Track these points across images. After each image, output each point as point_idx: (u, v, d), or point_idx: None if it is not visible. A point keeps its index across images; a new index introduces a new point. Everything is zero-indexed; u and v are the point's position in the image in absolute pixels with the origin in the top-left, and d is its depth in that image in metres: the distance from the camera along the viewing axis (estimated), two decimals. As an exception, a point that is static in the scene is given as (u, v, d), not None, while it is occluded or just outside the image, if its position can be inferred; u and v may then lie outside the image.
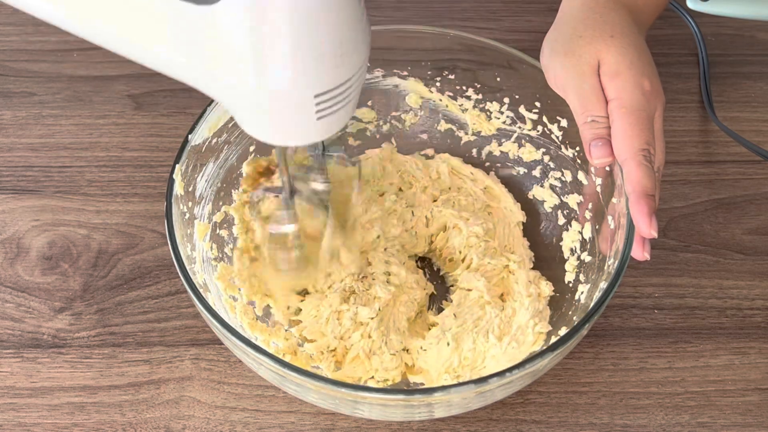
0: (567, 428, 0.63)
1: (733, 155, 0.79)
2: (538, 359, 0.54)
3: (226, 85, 0.45)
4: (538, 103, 0.70)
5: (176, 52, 0.45)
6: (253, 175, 0.63)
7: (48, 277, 0.71)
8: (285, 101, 0.45)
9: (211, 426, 0.63)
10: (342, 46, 0.44)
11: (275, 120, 0.47)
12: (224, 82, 0.45)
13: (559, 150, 0.70)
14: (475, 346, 0.64)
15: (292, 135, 0.48)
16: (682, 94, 0.84)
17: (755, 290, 0.71)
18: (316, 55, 0.43)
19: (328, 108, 0.46)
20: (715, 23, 0.89)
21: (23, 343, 0.67)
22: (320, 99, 0.45)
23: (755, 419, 0.64)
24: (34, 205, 0.75)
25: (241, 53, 0.43)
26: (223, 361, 0.66)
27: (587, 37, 0.63)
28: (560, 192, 0.71)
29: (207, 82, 0.46)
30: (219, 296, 0.64)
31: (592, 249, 0.66)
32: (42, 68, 0.86)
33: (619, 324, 0.69)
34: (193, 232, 0.63)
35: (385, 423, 0.63)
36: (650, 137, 0.60)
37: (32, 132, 0.81)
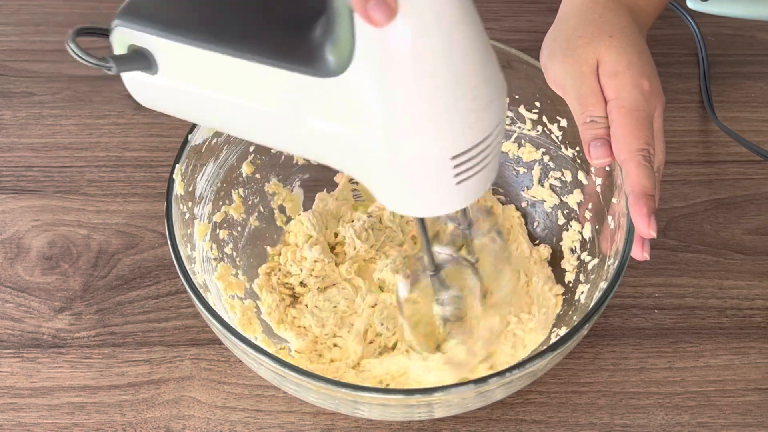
0: (567, 428, 0.63)
1: (733, 155, 0.79)
2: (538, 359, 0.54)
3: (360, 158, 0.43)
4: (537, 103, 0.70)
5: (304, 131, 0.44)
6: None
7: (48, 277, 0.71)
8: (420, 167, 0.42)
9: (211, 426, 0.63)
10: (476, 101, 0.41)
11: (412, 189, 0.44)
12: (354, 155, 0.43)
13: (558, 150, 0.70)
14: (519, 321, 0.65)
15: (432, 204, 0.45)
16: (682, 94, 0.84)
17: (755, 290, 0.71)
18: (448, 113, 0.40)
19: (467, 171, 0.43)
20: (715, 23, 0.89)
21: (23, 343, 0.67)
22: (458, 161, 0.42)
23: (755, 419, 0.64)
24: (34, 205, 0.75)
25: (368, 122, 0.41)
26: (223, 361, 0.66)
27: (586, 36, 0.63)
28: (560, 192, 0.71)
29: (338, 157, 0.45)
30: (219, 296, 0.64)
31: (592, 249, 0.66)
32: (42, 68, 0.86)
33: (619, 324, 0.69)
34: (193, 232, 0.63)
35: (385, 423, 0.63)
36: (650, 137, 0.60)
37: (32, 132, 0.81)
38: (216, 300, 0.62)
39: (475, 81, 0.41)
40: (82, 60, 0.45)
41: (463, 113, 0.41)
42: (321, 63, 0.42)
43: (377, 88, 0.40)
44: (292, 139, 0.46)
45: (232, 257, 0.68)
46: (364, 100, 0.41)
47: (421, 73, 0.39)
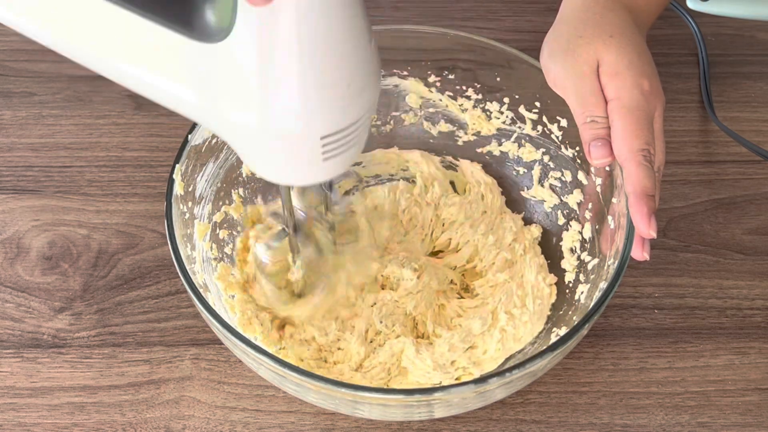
0: (567, 428, 0.63)
1: (733, 155, 0.79)
2: (538, 359, 0.54)
3: (232, 125, 0.44)
4: (537, 103, 0.70)
5: (185, 90, 0.44)
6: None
7: (48, 277, 0.71)
8: (290, 143, 0.44)
9: (211, 426, 0.63)
10: (350, 87, 0.42)
11: (280, 160, 0.46)
12: (230, 122, 0.44)
13: (558, 150, 0.70)
14: (510, 317, 0.66)
15: (298, 175, 0.47)
16: (682, 94, 0.84)
17: (755, 290, 0.71)
18: (323, 97, 0.42)
19: (334, 149, 0.44)
20: (715, 23, 0.89)
21: (23, 343, 0.67)
22: (327, 141, 0.44)
23: (755, 419, 0.64)
24: (34, 205, 0.75)
25: (246, 93, 0.42)
26: (223, 361, 0.66)
27: (587, 37, 0.63)
28: (560, 192, 0.71)
29: (214, 121, 0.45)
30: (219, 296, 0.64)
31: (592, 249, 0.66)
32: (42, 68, 0.86)
33: (619, 324, 0.69)
34: (193, 232, 0.63)
35: (385, 423, 0.63)
36: (650, 137, 0.60)
37: (32, 132, 0.81)
38: (216, 300, 0.62)
39: (351, 68, 0.42)
40: None
41: (336, 98, 0.42)
42: (199, 27, 0.42)
43: (253, 62, 0.41)
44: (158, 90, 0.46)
45: (232, 257, 0.68)
46: (239, 71, 0.41)
47: (298, 55, 0.40)
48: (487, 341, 0.65)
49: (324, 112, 0.42)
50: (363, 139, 0.46)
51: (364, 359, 0.65)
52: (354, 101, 0.43)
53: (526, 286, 0.68)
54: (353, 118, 0.44)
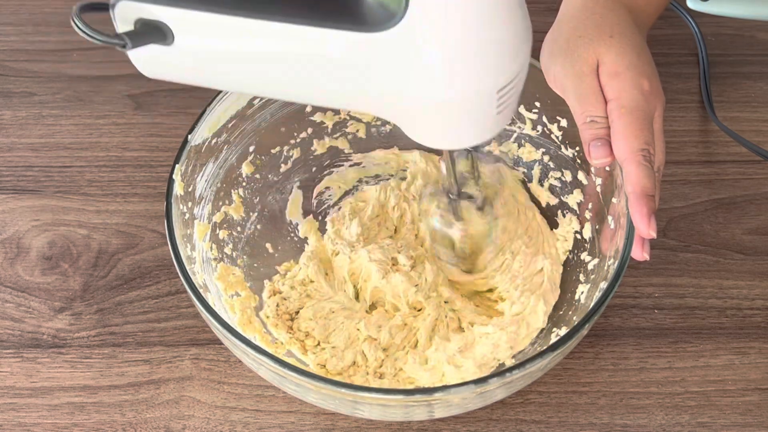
0: (567, 428, 0.63)
1: (733, 155, 0.79)
2: (538, 359, 0.54)
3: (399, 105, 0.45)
4: (537, 103, 0.70)
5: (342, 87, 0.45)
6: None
7: (48, 277, 0.71)
8: (471, 104, 0.45)
9: (211, 426, 0.63)
10: (517, 36, 0.44)
11: (456, 124, 0.47)
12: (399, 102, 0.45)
13: (558, 150, 0.70)
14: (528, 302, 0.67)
15: (473, 134, 0.48)
16: (682, 94, 0.84)
17: (755, 290, 0.71)
18: (500, 51, 0.44)
19: (506, 101, 0.46)
20: (715, 23, 0.89)
21: (23, 343, 0.67)
22: (502, 92, 0.45)
23: (755, 419, 0.64)
24: (34, 205, 0.75)
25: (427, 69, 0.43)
26: (223, 361, 0.66)
27: (586, 37, 0.63)
28: (560, 192, 0.71)
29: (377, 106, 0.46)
30: (219, 296, 0.64)
31: (592, 249, 0.66)
32: (42, 68, 0.86)
33: (619, 324, 0.69)
34: (193, 233, 0.63)
35: (385, 423, 0.63)
36: (650, 137, 0.60)
37: (32, 132, 0.81)
38: (216, 300, 0.62)
39: (516, 17, 0.44)
40: (90, 37, 0.43)
41: (508, 49, 0.44)
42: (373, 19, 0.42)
43: (433, 36, 0.42)
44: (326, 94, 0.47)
45: (232, 257, 0.68)
46: (417, 50, 0.42)
47: (475, 17, 0.42)
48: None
49: (501, 64, 0.44)
50: (522, 85, 0.48)
51: (383, 361, 0.66)
52: (520, 48, 0.45)
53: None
54: (520, 66, 0.45)
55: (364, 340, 0.66)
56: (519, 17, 0.45)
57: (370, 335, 0.66)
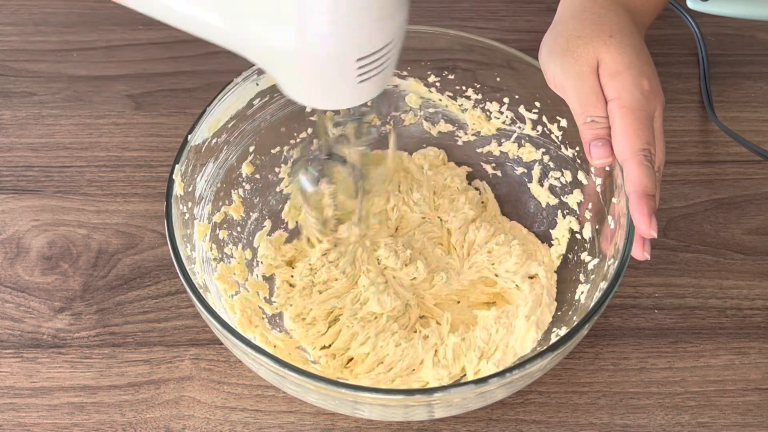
0: (567, 428, 0.63)
1: (733, 155, 0.79)
2: (538, 359, 0.54)
3: (266, 48, 0.45)
4: (537, 103, 0.70)
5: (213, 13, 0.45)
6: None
7: (48, 277, 0.71)
8: (326, 64, 0.45)
9: (211, 426, 0.63)
10: (384, 8, 0.44)
11: (316, 83, 0.47)
12: (266, 45, 0.45)
13: (558, 150, 0.70)
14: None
15: (333, 99, 0.49)
16: (682, 94, 0.84)
17: (755, 290, 0.71)
18: (359, 18, 0.43)
19: (369, 72, 0.46)
20: (715, 23, 0.89)
21: (23, 343, 0.67)
22: (362, 63, 0.45)
23: (755, 419, 0.64)
24: (34, 205, 0.75)
25: (283, 15, 0.43)
26: (223, 361, 0.66)
27: (586, 37, 0.63)
28: (560, 192, 0.71)
29: (246, 45, 0.46)
30: (219, 296, 0.64)
31: (592, 249, 0.66)
32: (42, 68, 0.86)
33: (619, 324, 0.69)
34: (193, 233, 0.63)
35: (385, 423, 0.63)
36: (650, 137, 0.60)
37: (32, 132, 0.81)
38: (216, 300, 0.62)
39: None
40: None
41: (371, 19, 0.44)
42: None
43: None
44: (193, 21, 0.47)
45: (232, 257, 0.68)
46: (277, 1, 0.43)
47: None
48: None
49: (361, 33, 0.44)
50: (394, 63, 0.48)
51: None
52: (387, 22, 0.44)
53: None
54: (387, 40, 0.45)
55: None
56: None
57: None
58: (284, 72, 0.47)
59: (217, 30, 0.46)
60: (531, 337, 0.64)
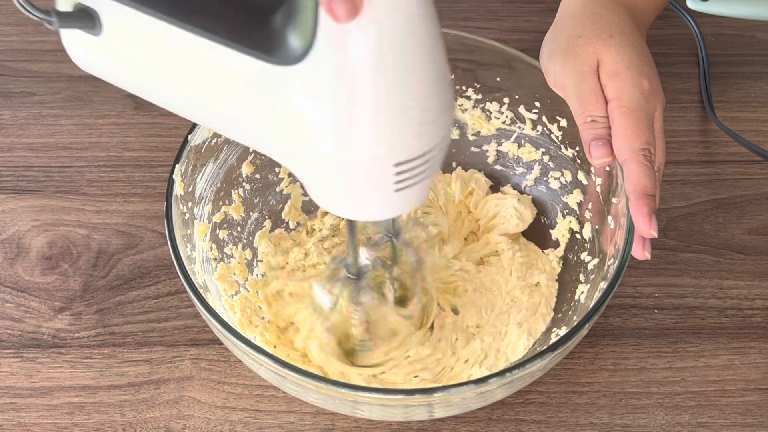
0: (567, 428, 0.63)
1: (733, 155, 0.79)
2: (538, 359, 0.54)
3: (298, 153, 0.43)
4: (537, 103, 0.70)
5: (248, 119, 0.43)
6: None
7: (48, 277, 0.71)
8: (363, 170, 0.42)
9: (211, 426, 0.63)
10: (427, 112, 0.41)
11: (351, 192, 0.44)
12: (297, 150, 0.43)
13: (558, 150, 0.70)
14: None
15: (367, 209, 0.45)
16: (682, 94, 0.84)
17: (755, 290, 0.71)
18: (401, 121, 0.40)
19: (408, 179, 0.43)
20: (715, 23, 0.89)
21: (23, 343, 0.67)
22: (400, 168, 0.42)
23: (755, 419, 0.64)
24: (34, 205, 0.75)
25: (320, 117, 0.40)
26: (223, 361, 0.66)
27: (586, 37, 0.63)
28: (560, 192, 0.71)
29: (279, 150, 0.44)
30: (219, 296, 0.64)
31: (592, 249, 0.66)
32: (42, 68, 0.86)
33: (619, 324, 0.69)
34: (193, 233, 0.63)
35: (385, 423, 0.63)
36: (650, 137, 0.60)
37: (32, 132, 0.81)
38: (216, 300, 0.62)
39: (428, 92, 0.41)
40: (26, 12, 0.43)
41: (413, 122, 0.41)
42: (278, 49, 0.41)
43: (331, 84, 0.40)
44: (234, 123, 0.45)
45: (232, 257, 0.68)
46: (315, 95, 0.40)
47: (377, 76, 0.39)
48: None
49: (401, 136, 0.41)
50: (435, 171, 0.44)
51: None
52: (430, 127, 0.41)
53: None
54: (429, 146, 0.42)
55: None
56: (434, 88, 0.41)
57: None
58: (320, 179, 0.44)
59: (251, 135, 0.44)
60: (522, 344, 0.64)
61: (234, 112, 0.44)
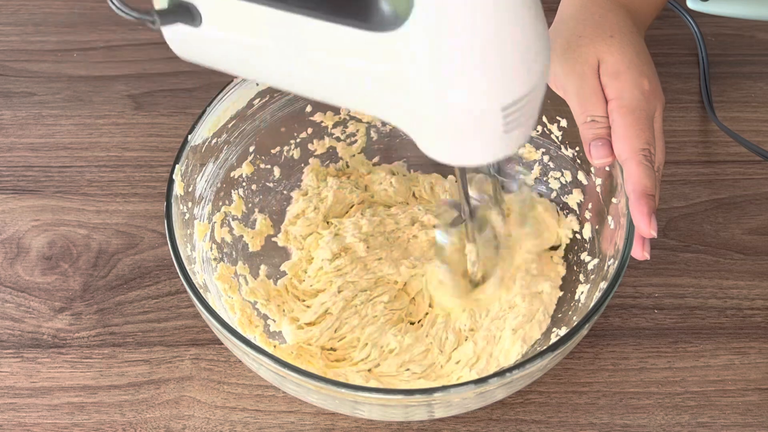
0: (567, 428, 0.63)
1: (733, 155, 0.79)
2: (538, 359, 0.54)
3: (409, 110, 0.44)
4: (538, 103, 0.70)
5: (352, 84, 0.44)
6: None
7: (48, 277, 0.71)
8: (472, 117, 0.43)
9: (211, 426, 0.63)
10: (528, 53, 0.42)
11: (461, 139, 0.45)
12: (407, 107, 0.44)
13: (558, 150, 0.70)
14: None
15: (478, 153, 0.46)
16: (682, 94, 0.84)
17: (755, 290, 0.71)
18: (504, 65, 0.41)
19: (514, 120, 0.44)
20: (715, 23, 0.89)
21: (23, 343, 0.67)
22: (508, 111, 0.43)
23: (755, 419, 0.64)
24: (34, 205, 0.75)
25: (428, 75, 0.41)
26: (223, 361, 0.66)
27: (586, 37, 0.63)
28: (560, 192, 0.71)
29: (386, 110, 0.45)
30: (219, 296, 0.64)
31: (592, 249, 0.66)
32: (42, 68, 0.86)
33: (619, 324, 0.69)
34: (193, 233, 0.63)
35: (385, 423, 0.63)
36: (650, 137, 0.60)
37: (32, 132, 0.81)
38: (216, 300, 0.62)
39: (527, 33, 0.42)
40: (124, 14, 0.44)
41: (515, 65, 0.42)
42: (376, 18, 0.42)
43: (433, 42, 0.41)
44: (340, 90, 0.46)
45: (232, 257, 0.68)
46: (420, 55, 0.41)
47: (477, 25, 0.40)
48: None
49: (506, 80, 0.42)
50: (537, 110, 0.46)
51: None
52: (531, 67, 0.43)
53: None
54: (531, 86, 0.43)
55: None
56: (532, 30, 0.42)
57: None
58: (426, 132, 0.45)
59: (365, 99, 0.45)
60: (516, 350, 0.64)
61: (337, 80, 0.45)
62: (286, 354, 0.64)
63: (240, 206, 0.69)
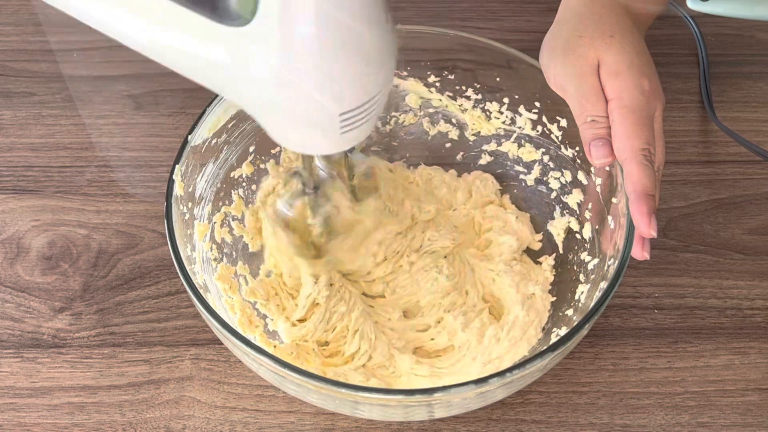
0: (567, 428, 0.63)
1: (733, 155, 0.79)
2: (538, 359, 0.54)
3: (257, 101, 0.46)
4: (537, 103, 0.70)
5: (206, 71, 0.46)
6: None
7: (48, 277, 0.71)
8: (311, 119, 0.45)
9: (211, 426, 0.63)
10: (368, 66, 0.44)
11: (300, 133, 0.48)
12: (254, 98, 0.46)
13: (558, 150, 0.70)
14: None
15: (317, 146, 0.50)
16: (682, 94, 0.84)
17: (755, 290, 0.71)
18: (344, 77, 0.43)
19: (352, 124, 0.46)
20: (715, 23, 0.89)
21: (23, 343, 0.67)
22: (345, 117, 0.45)
23: (755, 419, 0.64)
24: (34, 205, 0.75)
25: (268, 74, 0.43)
26: (223, 361, 0.66)
27: (587, 37, 0.63)
28: (560, 192, 0.71)
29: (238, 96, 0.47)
30: (219, 296, 0.64)
31: (592, 249, 0.66)
32: (42, 68, 0.86)
33: (619, 324, 0.69)
34: (193, 233, 0.63)
35: (385, 423, 0.63)
36: (650, 137, 0.60)
37: (32, 132, 0.81)
38: (216, 300, 0.62)
39: (371, 47, 0.43)
40: None
41: (356, 76, 0.44)
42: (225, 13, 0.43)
43: (277, 47, 0.42)
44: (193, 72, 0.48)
45: (232, 257, 0.68)
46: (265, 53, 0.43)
47: (322, 37, 0.42)
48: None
49: (343, 90, 0.44)
50: (380, 110, 0.48)
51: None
52: (372, 78, 0.44)
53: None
54: (370, 95, 0.45)
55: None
56: (377, 41, 0.44)
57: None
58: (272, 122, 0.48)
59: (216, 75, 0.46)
60: (509, 358, 0.64)
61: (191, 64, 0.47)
62: (286, 354, 0.64)
63: (240, 206, 0.69)
